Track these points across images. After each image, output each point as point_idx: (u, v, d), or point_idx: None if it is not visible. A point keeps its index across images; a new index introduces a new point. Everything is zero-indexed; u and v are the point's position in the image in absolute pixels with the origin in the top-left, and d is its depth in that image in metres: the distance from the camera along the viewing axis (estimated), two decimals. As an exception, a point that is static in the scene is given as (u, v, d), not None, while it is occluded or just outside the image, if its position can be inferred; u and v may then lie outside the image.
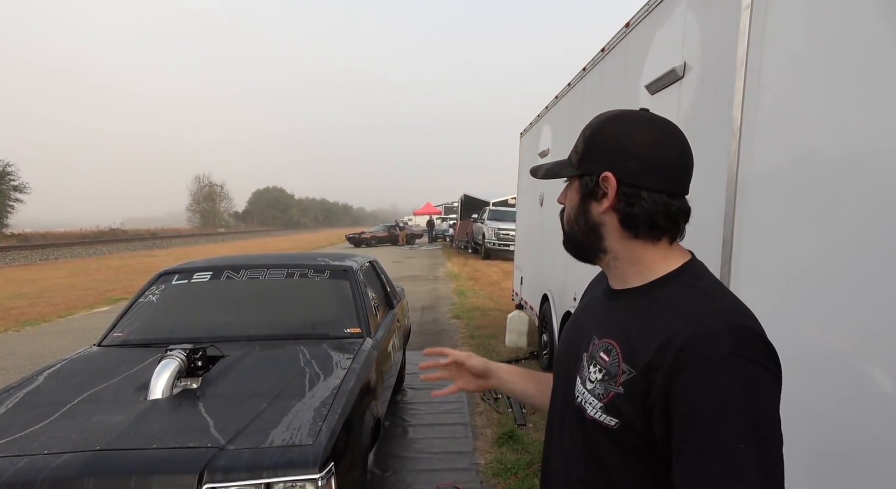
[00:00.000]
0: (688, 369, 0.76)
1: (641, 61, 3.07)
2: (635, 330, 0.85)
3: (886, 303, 1.34)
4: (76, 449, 1.98)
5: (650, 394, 0.79)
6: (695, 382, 0.75)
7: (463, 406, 4.74)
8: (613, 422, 0.84)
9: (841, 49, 1.53)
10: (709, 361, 0.75)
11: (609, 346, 0.88)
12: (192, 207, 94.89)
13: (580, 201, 0.93)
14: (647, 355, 0.81)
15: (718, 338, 0.76)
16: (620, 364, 0.84)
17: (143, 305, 3.54)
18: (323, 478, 1.94)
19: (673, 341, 0.78)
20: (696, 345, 0.76)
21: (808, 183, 1.64)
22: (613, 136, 0.90)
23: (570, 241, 0.98)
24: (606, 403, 0.85)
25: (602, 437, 0.87)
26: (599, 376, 0.87)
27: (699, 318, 0.79)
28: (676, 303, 0.84)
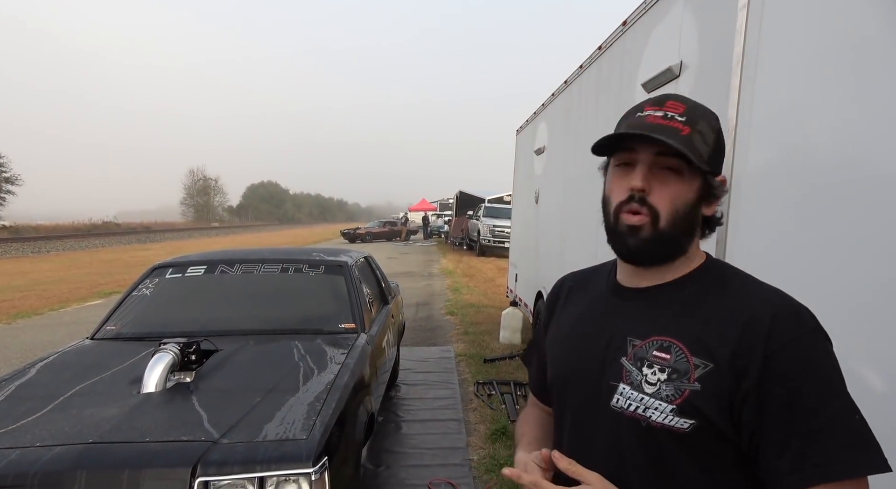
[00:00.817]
0: (782, 350, 0.73)
1: (638, 59, 3.07)
2: (695, 321, 0.81)
3: (882, 302, 1.35)
4: (69, 441, 1.97)
5: (740, 384, 0.75)
6: (792, 363, 0.73)
7: (456, 402, 4.75)
8: (687, 424, 0.77)
9: (836, 49, 1.54)
10: (802, 338, 0.74)
11: (665, 343, 0.81)
12: (185, 201, 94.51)
13: (696, 200, 0.83)
14: (726, 344, 0.76)
15: (800, 316, 0.76)
16: (690, 359, 0.78)
17: (136, 299, 3.52)
18: (316, 473, 1.95)
19: (756, 324, 0.75)
20: (784, 325, 0.75)
21: (802, 182, 1.65)
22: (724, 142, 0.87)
23: (666, 238, 0.83)
24: (680, 403, 0.77)
25: (670, 445, 0.79)
26: (664, 376, 0.80)
27: (770, 300, 0.79)
28: (734, 289, 0.82)
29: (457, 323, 8.19)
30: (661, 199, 0.82)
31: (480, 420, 4.36)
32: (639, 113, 0.86)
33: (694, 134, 0.81)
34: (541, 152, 5.82)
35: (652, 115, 0.84)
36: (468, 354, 6.29)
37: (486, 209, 19.75)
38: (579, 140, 4.34)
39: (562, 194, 4.80)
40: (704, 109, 0.85)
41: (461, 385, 5.24)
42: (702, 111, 0.85)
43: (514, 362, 5.97)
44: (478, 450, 3.81)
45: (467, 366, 5.86)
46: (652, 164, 0.82)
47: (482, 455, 3.73)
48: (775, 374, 0.73)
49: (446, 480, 3.37)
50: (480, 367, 5.75)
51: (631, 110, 0.88)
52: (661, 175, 0.82)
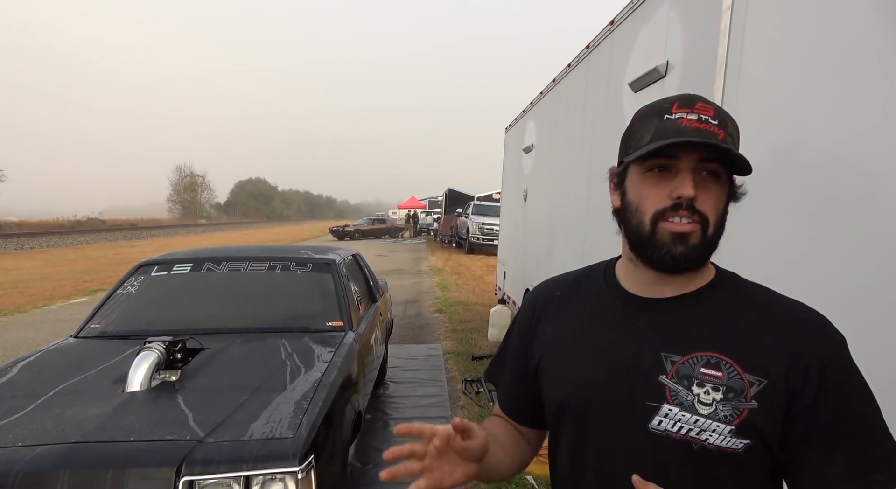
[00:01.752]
0: (834, 360, 0.76)
1: (625, 59, 3.09)
2: (738, 336, 0.78)
3: (865, 299, 1.38)
4: (51, 441, 1.95)
5: (796, 399, 0.74)
6: (839, 376, 0.75)
7: (444, 400, 4.76)
8: (741, 444, 0.75)
9: (818, 50, 1.56)
10: (843, 354, 0.77)
11: (713, 360, 0.77)
12: (172, 198, 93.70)
13: (727, 201, 0.82)
14: (779, 358, 0.76)
15: (836, 331, 0.79)
16: (743, 376, 0.75)
17: (121, 297, 3.49)
18: (303, 471, 1.94)
19: (804, 339, 0.77)
20: (829, 339, 0.77)
21: (785, 182, 1.67)
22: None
23: (710, 247, 0.81)
24: (739, 424, 0.74)
25: (720, 465, 0.76)
26: (718, 396, 0.75)
27: (808, 313, 0.81)
28: (763, 303, 0.82)
29: (445, 320, 8.20)
30: (708, 205, 0.79)
31: (468, 418, 4.36)
32: (668, 115, 0.80)
33: (728, 137, 0.78)
34: (529, 150, 5.84)
35: (685, 118, 0.78)
36: (456, 352, 6.30)
37: (475, 207, 19.78)
38: (567, 138, 4.36)
39: (550, 192, 4.82)
40: (727, 112, 0.83)
41: (449, 383, 5.25)
42: (727, 114, 0.82)
43: (502, 360, 5.98)
44: (465, 448, 3.81)
45: (455, 363, 5.87)
46: (698, 170, 0.79)
47: (470, 452, 3.73)
48: (829, 388, 0.74)
49: (434, 478, 3.37)
50: (468, 365, 5.76)
51: (654, 110, 0.82)
52: (704, 180, 0.79)
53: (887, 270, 1.30)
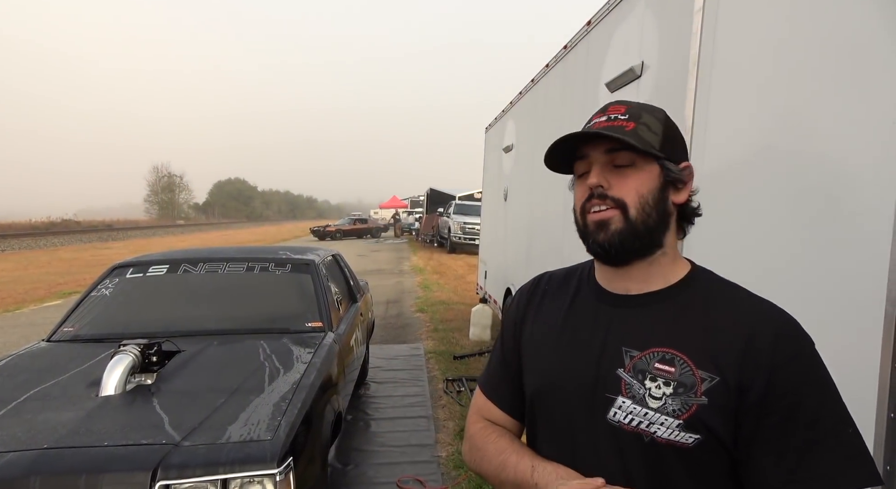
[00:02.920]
0: (788, 363, 0.75)
1: (602, 59, 3.12)
2: (698, 333, 0.80)
3: (831, 297, 1.41)
4: (22, 448, 1.91)
5: (745, 397, 0.75)
6: (793, 377, 0.74)
7: (425, 399, 4.76)
8: (692, 439, 0.76)
9: (787, 51, 1.60)
10: (804, 354, 0.76)
11: (668, 356, 0.80)
12: (149, 198, 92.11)
13: (660, 188, 0.84)
14: (731, 357, 0.76)
15: (801, 332, 0.79)
16: (695, 372, 0.77)
17: (95, 299, 3.42)
18: (281, 474, 1.93)
19: (760, 338, 0.76)
20: (788, 341, 0.77)
21: (755, 181, 1.70)
22: (679, 131, 0.90)
23: (639, 229, 0.83)
24: (687, 418, 0.76)
25: (671, 459, 0.78)
26: (669, 390, 0.78)
27: (770, 315, 0.80)
28: (730, 300, 0.83)
29: (427, 320, 8.20)
30: (623, 190, 0.83)
31: (449, 417, 4.38)
32: (587, 125, 0.88)
33: (639, 126, 0.83)
34: (509, 150, 5.86)
35: (597, 121, 0.87)
36: (438, 351, 6.30)
37: (456, 206, 19.80)
38: (546, 138, 4.39)
39: (529, 192, 4.84)
40: (648, 106, 0.88)
41: (430, 382, 5.25)
42: (645, 107, 0.87)
43: (483, 359, 6.00)
44: (446, 447, 3.83)
45: (437, 363, 5.88)
46: (605, 163, 0.84)
47: (451, 451, 3.75)
48: (779, 388, 0.74)
49: (414, 477, 3.38)
50: (450, 364, 5.77)
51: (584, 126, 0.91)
52: (617, 171, 0.84)
53: (863, 268, 1.34)
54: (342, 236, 30.18)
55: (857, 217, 1.34)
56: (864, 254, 1.30)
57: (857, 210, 1.34)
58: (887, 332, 1.21)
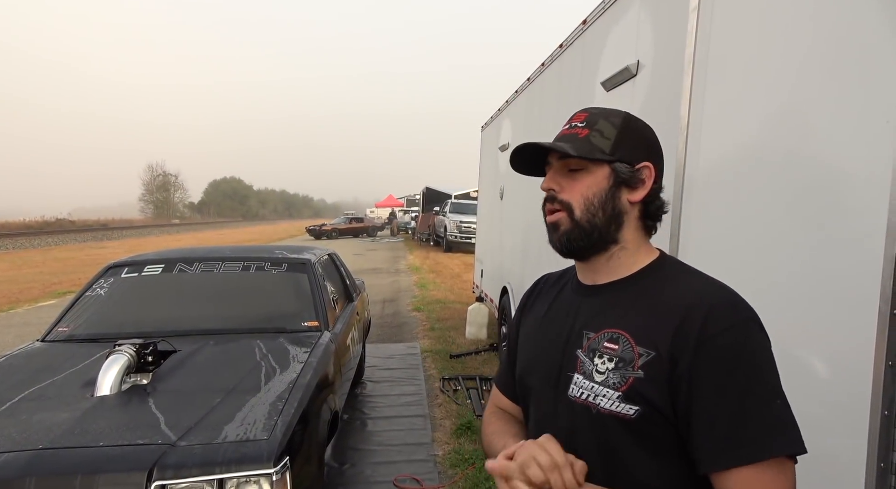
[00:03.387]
0: (717, 336, 0.78)
1: (598, 58, 3.13)
2: (643, 313, 0.86)
3: (825, 295, 1.42)
4: (17, 448, 1.90)
5: (675, 369, 0.79)
6: (723, 349, 0.78)
7: (422, 398, 4.77)
8: (633, 410, 0.82)
9: (781, 50, 1.60)
10: (735, 326, 0.79)
11: (615, 335, 0.86)
12: (144, 198, 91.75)
13: (610, 188, 0.90)
14: (666, 332, 0.82)
15: (737, 306, 0.81)
16: (634, 348, 0.83)
17: (90, 299, 3.41)
18: (277, 473, 1.93)
19: (694, 313, 0.81)
20: (721, 313, 0.80)
21: (750, 179, 1.71)
22: (647, 131, 0.94)
23: (586, 228, 0.90)
24: (625, 390, 0.82)
25: (618, 431, 0.83)
26: (611, 365, 0.85)
27: (711, 292, 0.84)
28: (679, 283, 0.88)
29: (423, 319, 8.20)
30: (571, 193, 0.92)
31: (446, 415, 4.38)
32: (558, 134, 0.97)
33: (592, 133, 0.91)
34: (505, 149, 5.86)
35: (562, 131, 0.96)
36: (434, 350, 6.31)
37: (452, 205, 19.79)
38: (541, 137, 4.39)
39: (525, 191, 4.85)
40: (609, 112, 0.94)
41: (427, 381, 5.25)
42: (604, 113, 0.94)
43: (479, 357, 6.01)
44: (443, 446, 3.83)
45: (433, 362, 5.88)
46: (560, 168, 0.94)
47: (447, 450, 3.75)
48: (707, 360, 0.78)
49: (411, 476, 3.38)
50: (446, 363, 5.78)
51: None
52: (570, 175, 0.92)
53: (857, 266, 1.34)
54: (338, 235, 30.14)
55: (852, 215, 1.34)
56: (858, 253, 1.30)
57: (852, 208, 1.34)
58: (881, 330, 1.22)
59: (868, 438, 1.23)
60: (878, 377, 1.21)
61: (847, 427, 1.30)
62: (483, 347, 6.32)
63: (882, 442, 1.20)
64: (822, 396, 1.40)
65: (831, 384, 1.38)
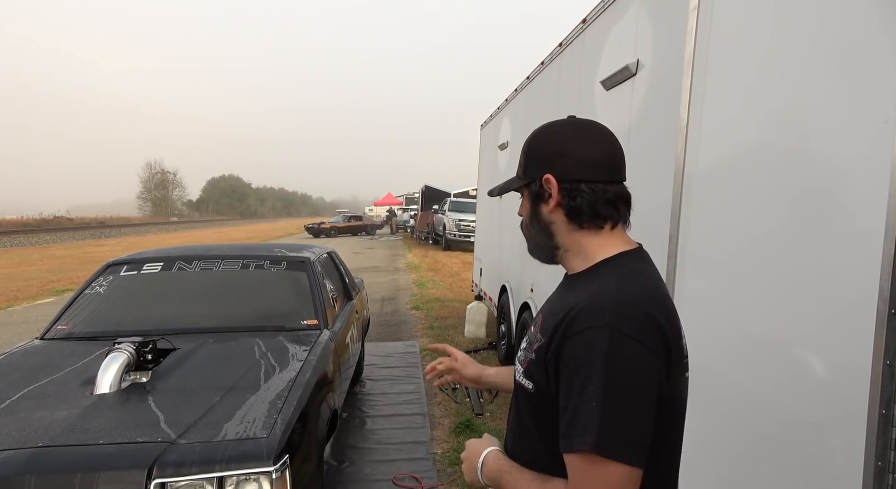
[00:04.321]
0: (573, 336, 0.87)
1: (597, 57, 3.13)
2: (557, 305, 0.98)
3: (824, 294, 1.43)
4: (16, 446, 1.91)
5: (547, 358, 0.91)
6: (575, 348, 0.87)
7: (421, 396, 4.77)
8: (531, 385, 0.96)
9: (781, 50, 1.61)
10: (589, 330, 0.86)
11: (538, 319, 1.01)
12: (142, 195, 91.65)
13: (531, 207, 1.04)
14: (551, 325, 0.92)
15: (602, 311, 0.87)
16: (537, 334, 0.96)
17: (89, 297, 3.41)
18: (277, 471, 1.93)
19: (570, 313, 0.90)
20: (583, 316, 0.88)
21: (749, 180, 1.71)
22: (546, 142, 1.02)
23: (531, 245, 1.07)
24: (525, 369, 0.98)
25: (524, 398, 1.00)
26: (524, 345, 1.00)
27: (596, 294, 0.90)
28: (595, 282, 0.95)
29: (422, 317, 8.21)
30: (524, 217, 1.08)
31: (445, 414, 4.39)
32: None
33: (519, 163, 1.07)
34: (504, 147, 5.86)
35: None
36: (433, 349, 6.30)
37: (451, 203, 19.78)
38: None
39: (524, 189, 4.85)
40: (529, 135, 1.06)
41: (426, 379, 5.25)
42: (527, 138, 1.06)
43: (478, 356, 6.02)
44: (442, 444, 3.84)
45: (432, 360, 5.88)
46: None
47: (446, 448, 3.76)
48: (563, 356, 0.88)
49: (410, 474, 3.39)
50: (445, 361, 5.77)
51: None
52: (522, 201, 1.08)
53: (856, 265, 1.35)
54: (337, 233, 30.12)
55: (851, 215, 1.35)
56: (857, 252, 1.31)
57: (851, 208, 1.35)
58: (879, 329, 1.22)
59: (866, 437, 1.24)
60: (877, 376, 1.22)
61: (845, 425, 1.31)
62: (482, 346, 6.33)
63: (880, 440, 1.21)
64: (820, 395, 1.40)
65: (830, 383, 1.39)
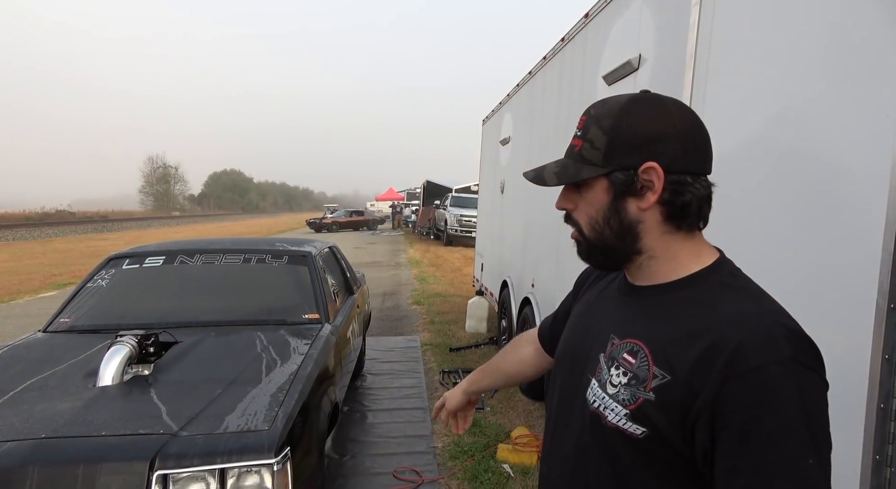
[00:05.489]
0: (744, 376, 0.69)
1: (599, 52, 3.12)
2: (668, 331, 0.78)
3: (821, 289, 1.43)
4: (19, 437, 1.92)
5: (693, 403, 0.72)
6: (753, 390, 0.68)
7: (422, 391, 4.79)
8: (640, 431, 0.77)
9: (783, 45, 1.60)
10: (768, 367, 0.68)
11: (635, 348, 0.80)
12: (144, 190, 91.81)
13: (612, 201, 0.82)
14: (687, 359, 0.73)
15: (776, 342, 0.70)
16: (651, 367, 0.77)
17: (91, 290, 3.42)
18: (278, 464, 1.95)
19: (721, 343, 0.71)
20: (753, 349, 0.70)
21: (750, 174, 1.71)
22: (645, 122, 0.80)
23: (597, 247, 0.85)
24: (633, 410, 0.77)
25: (624, 447, 0.79)
26: (624, 380, 0.79)
27: (750, 321, 0.73)
28: (717, 302, 0.77)
29: (423, 312, 8.22)
30: (579, 212, 0.87)
31: (445, 408, 4.40)
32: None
33: (584, 145, 0.83)
34: (506, 143, 5.86)
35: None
36: (434, 343, 6.33)
37: (453, 199, 19.78)
38: (543, 131, 4.39)
39: (526, 185, 4.85)
40: (603, 111, 0.83)
41: (427, 374, 5.28)
42: (598, 115, 0.83)
43: (479, 350, 6.04)
44: (442, 438, 3.85)
45: (433, 355, 5.90)
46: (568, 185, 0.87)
47: (446, 442, 3.77)
48: (731, 401, 0.69)
49: (411, 468, 3.40)
50: (446, 356, 5.80)
51: None
52: (578, 191, 0.86)
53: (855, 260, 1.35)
54: (338, 228, 30.14)
55: (852, 211, 1.35)
56: (857, 248, 1.31)
57: (852, 204, 1.35)
58: (878, 324, 1.22)
59: (864, 431, 1.25)
60: (875, 370, 1.22)
61: (843, 419, 1.31)
62: (483, 341, 6.34)
63: (878, 434, 1.22)
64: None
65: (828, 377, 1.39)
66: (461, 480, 3.28)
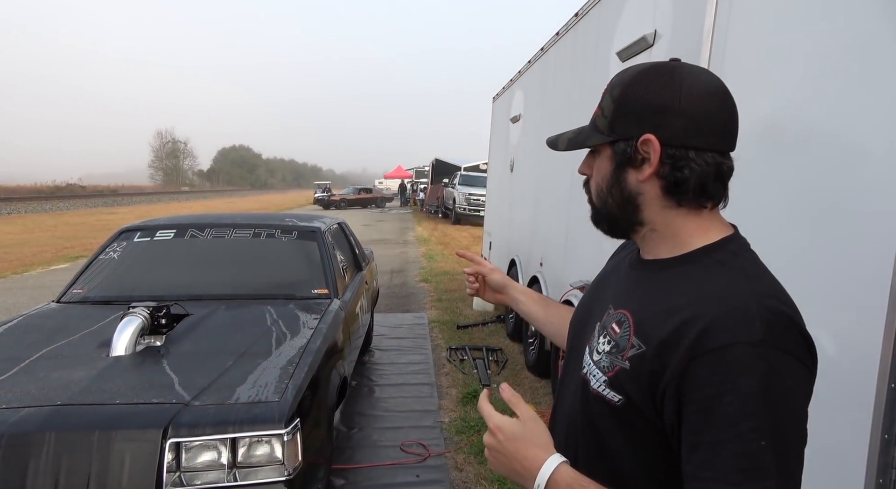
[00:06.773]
0: (710, 353, 0.69)
1: (613, 28, 3.06)
2: (654, 303, 0.79)
3: (836, 272, 1.42)
4: (36, 404, 1.96)
5: (661, 376, 0.73)
6: (717, 369, 0.68)
7: (429, 367, 4.84)
8: (617, 398, 0.78)
9: (805, 21, 1.56)
10: (735, 347, 0.68)
11: (622, 318, 0.82)
12: (154, 164, 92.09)
13: (614, 170, 0.82)
14: (661, 332, 0.74)
15: (750, 322, 0.69)
16: (630, 337, 0.78)
17: (103, 262, 3.46)
18: (288, 434, 1.98)
19: (695, 320, 0.71)
20: (723, 328, 0.69)
21: (768, 156, 1.69)
22: (651, 91, 0.78)
23: (603, 215, 0.87)
24: (611, 377, 0.79)
25: (605, 413, 0.81)
26: (607, 348, 0.81)
27: (729, 298, 0.72)
28: (705, 279, 0.77)
29: (431, 290, 8.26)
30: (593, 179, 0.89)
31: (452, 384, 4.45)
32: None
33: (599, 113, 0.85)
34: (516, 120, 5.80)
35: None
36: (441, 321, 6.36)
37: (461, 177, 19.69)
38: (555, 109, 4.34)
39: (536, 163, 4.81)
40: (618, 78, 0.83)
41: (434, 350, 5.32)
42: (614, 82, 0.84)
43: (486, 328, 6.07)
44: (449, 413, 3.90)
45: (440, 332, 5.94)
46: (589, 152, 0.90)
47: (453, 417, 3.82)
48: (694, 378, 0.69)
49: (417, 441, 3.45)
50: (453, 333, 5.84)
51: None
52: (591, 159, 0.89)
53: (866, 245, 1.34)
54: (347, 206, 30.14)
55: (867, 194, 1.33)
56: (872, 231, 1.30)
57: (867, 187, 1.33)
58: (892, 306, 1.22)
59: (873, 410, 1.25)
60: (887, 351, 1.22)
61: (853, 398, 1.31)
62: (490, 319, 6.37)
63: (887, 414, 1.22)
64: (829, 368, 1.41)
65: (840, 357, 1.39)
66: (467, 454, 3.33)
